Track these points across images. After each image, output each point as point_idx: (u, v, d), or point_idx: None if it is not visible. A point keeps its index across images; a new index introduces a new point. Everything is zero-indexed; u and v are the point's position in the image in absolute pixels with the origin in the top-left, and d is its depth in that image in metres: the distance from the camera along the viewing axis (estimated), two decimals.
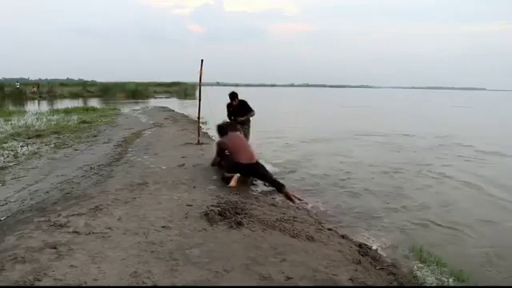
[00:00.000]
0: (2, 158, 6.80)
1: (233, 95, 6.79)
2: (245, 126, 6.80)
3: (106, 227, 2.98)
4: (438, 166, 7.18)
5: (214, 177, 5.05)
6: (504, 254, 3.48)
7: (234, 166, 4.88)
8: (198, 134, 7.84)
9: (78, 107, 19.26)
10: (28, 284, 2.09)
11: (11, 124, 11.70)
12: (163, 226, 3.05)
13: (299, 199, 4.64)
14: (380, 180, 6.05)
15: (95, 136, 9.44)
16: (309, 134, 11.29)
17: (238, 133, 5.82)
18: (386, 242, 3.57)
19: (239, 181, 4.75)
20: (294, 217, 3.61)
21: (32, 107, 22.17)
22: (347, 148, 9.12)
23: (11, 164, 6.36)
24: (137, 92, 37.23)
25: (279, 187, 4.70)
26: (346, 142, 10.09)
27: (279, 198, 4.47)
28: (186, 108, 20.50)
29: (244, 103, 6.80)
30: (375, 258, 2.93)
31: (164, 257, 2.50)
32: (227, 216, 3.29)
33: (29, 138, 8.99)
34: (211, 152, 6.56)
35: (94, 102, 26.36)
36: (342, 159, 7.64)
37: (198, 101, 7.65)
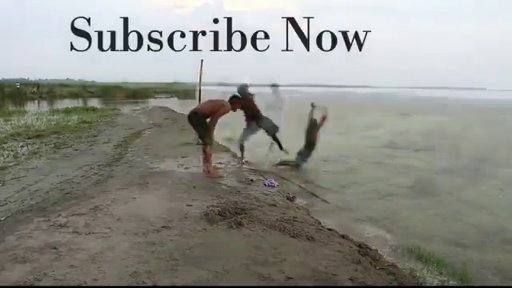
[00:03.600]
0: (2, 158, 6.80)
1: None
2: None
3: (106, 227, 2.98)
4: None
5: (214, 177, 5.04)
6: None
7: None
8: None
9: (77, 107, 19.26)
10: (28, 284, 2.09)
11: (11, 124, 11.70)
12: (163, 226, 3.05)
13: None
14: (376, 176, 6.09)
15: (95, 136, 9.45)
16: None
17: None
18: (386, 241, 3.57)
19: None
20: (294, 217, 3.60)
21: (32, 107, 22.16)
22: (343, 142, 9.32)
23: (11, 164, 6.36)
24: (137, 92, 37.20)
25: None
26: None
27: (279, 198, 4.47)
28: (186, 108, 20.49)
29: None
30: (375, 258, 2.92)
31: (164, 257, 2.50)
32: (227, 216, 3.29)
33: (29, 138, 8.99)
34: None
35: (94, 102, 26.35)
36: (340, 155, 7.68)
37: (198, 101, 7.61)
